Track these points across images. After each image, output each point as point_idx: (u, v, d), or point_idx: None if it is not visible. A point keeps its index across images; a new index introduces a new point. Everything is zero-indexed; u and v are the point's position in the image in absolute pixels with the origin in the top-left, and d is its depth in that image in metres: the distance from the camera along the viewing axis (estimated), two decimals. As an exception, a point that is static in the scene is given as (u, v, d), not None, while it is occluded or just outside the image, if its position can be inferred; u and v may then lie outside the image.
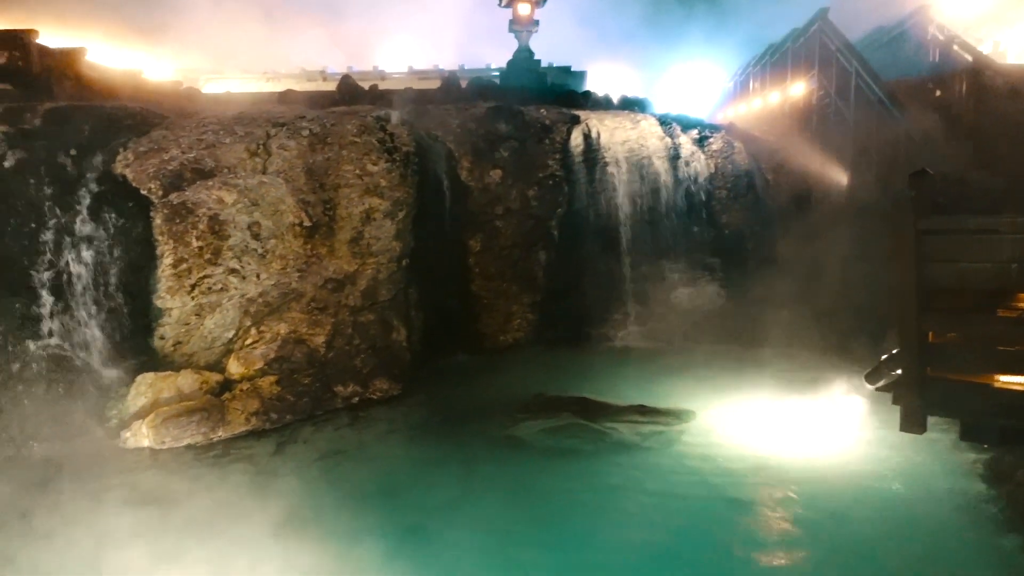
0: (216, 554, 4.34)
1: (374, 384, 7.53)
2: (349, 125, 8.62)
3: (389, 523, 4.80)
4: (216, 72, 17.17)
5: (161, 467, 5.77)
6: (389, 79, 16.17)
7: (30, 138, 7.44)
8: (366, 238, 8.04)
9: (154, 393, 6.39)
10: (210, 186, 7.37)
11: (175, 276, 7.02)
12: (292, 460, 5.94)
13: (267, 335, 7.21)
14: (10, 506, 4.93)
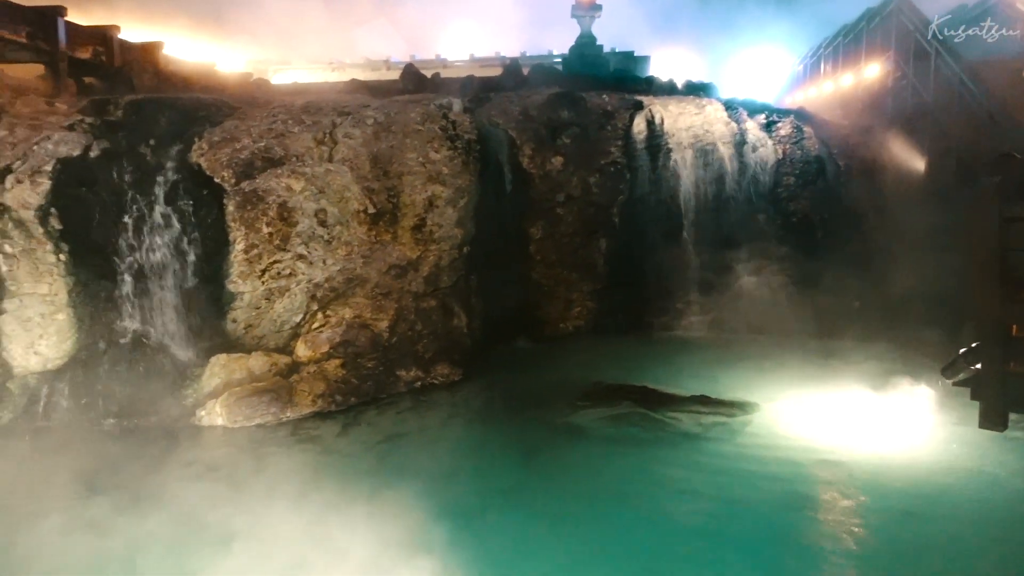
0: (283, 529, 4.49)
1: (435, 369, 7.64)
2: (412, 113, 8.73)
3: (450, 506, 4.86)
4: (284, 63, 17.60)
5: (233, 445, 6.01)
6: (451, 67, 16.27)
7: (113, 129, 7.81)
8: (428, 225, 8.15)
9: (227, 374, 6.65)
10: (279, 174, 7.58)
11: (246, 261, 7.26)
12: (356, 442, 6.10)
13: (333, 319, 7.40)
14: (101, 476, 5.22)
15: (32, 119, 7.83)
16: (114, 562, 4.12)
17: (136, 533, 4.41)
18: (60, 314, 6.55)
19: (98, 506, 4.83)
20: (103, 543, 4.32)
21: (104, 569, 4.05)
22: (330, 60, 17.71)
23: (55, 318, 6.54)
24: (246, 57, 17.15)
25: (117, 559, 4.15)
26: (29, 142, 7.32)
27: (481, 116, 9.55)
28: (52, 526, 4.58)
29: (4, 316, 6.39)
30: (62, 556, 4.22)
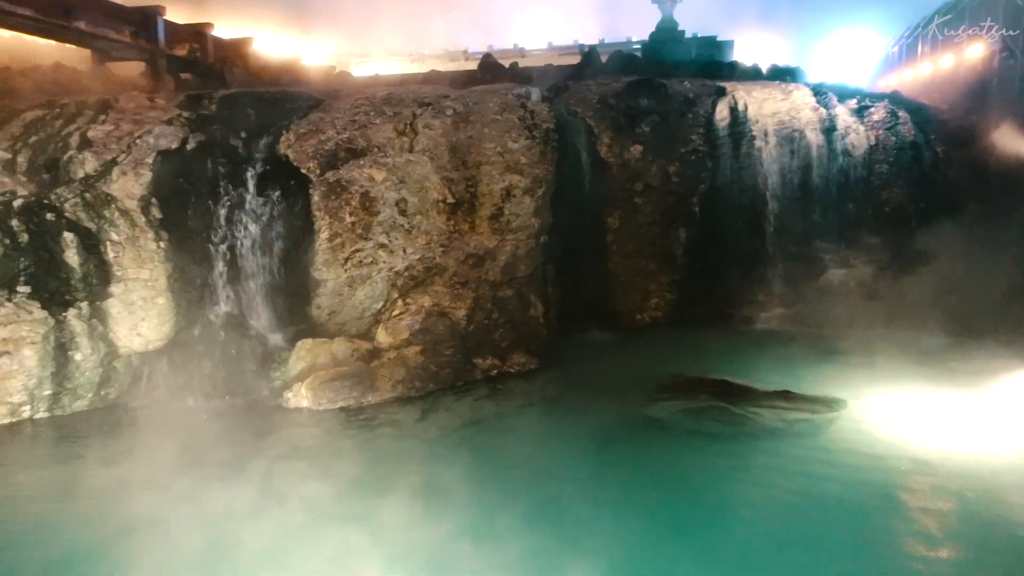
0: (364, 507, 4.64)
1: (512, 358, 7.69)
2: (491, 103, 8.78)
3: (526, 492, 4.90)
4: (365, 56, 17.98)
5: (318, 426, 6.22)
6: (529, 56, 16.26)
7: (208, 122, 8.18)
8: (506, 214, 8.18)
9: (312, 358, 6.88)
10: (362, 164, 7.76)
11: (330, 249, 7.48)
12: (435, 427, 6.21)
13: (412, 307, 7.55)
14: (197, 452, 5.52)
15: (135, 114, 8.29)
16: (210, 530, 4.34)
17: (230, 506, 4.63)
18: (160, 298, 6.93)
19: (194, 479, 5.11)
20: (200, 513, 4.56)
21: (201, 536, 4.27)
22: (409, 52, 17.99)
23: (155, 302, 6.92)
24: (329, 51, 17.62)
25: (213, 528, 4.37)
26: (132, 136, 7.75)
27: (559, 105, 9.51)
28: (155, 495, 4.88)
29: (111, 300, 6.80)
30: (164, 523, 4.48)
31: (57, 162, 7.48)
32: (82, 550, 4.24)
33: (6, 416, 6.31)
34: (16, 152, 7.61)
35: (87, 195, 7.06)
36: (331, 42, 18.66)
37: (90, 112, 8.24)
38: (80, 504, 4.90)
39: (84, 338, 6.62)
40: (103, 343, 6.73)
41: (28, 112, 8.21)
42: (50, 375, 6.45)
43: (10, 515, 4.81)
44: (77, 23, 9.39)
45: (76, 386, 6.61)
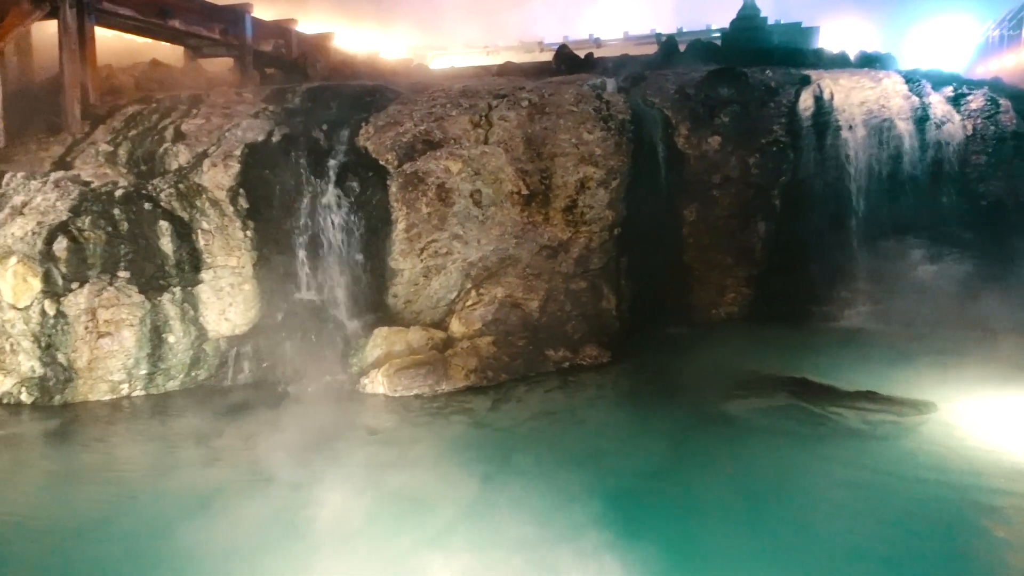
0: (435, 493, 4.72)
1: (584, 350, 7.67)
2: (566, 95, 8.74)
3: (597, 485, 4.87)
4: (441, 48, 18.19)
5: (393, 412, 6.37)
6: (605, 46, 16.10)
7: (291, 115, 8.46)
8: (580, 207, 8.15)
9: (388, 346, 7.05)
10: (438, 156, 7.87)
11: (407, 240, 7.63)
12: (506, 416, 6.26)
13: (486, 298, 7.62)
14: (278, 433, 5.75)
15: (224, 108, 8.65)
16: (287, 507, 4.52)
17: (308, 486, 4.80)
18: (246, 285, 7.23)
19: (276, 458, 5.31)
20: (280, 490, 4.76)
21: (277, 512, 4.46)
22: (485, 44, 18.10)
23: (242, 288, 7.23)
24: (406, 44, 17.90)
25: (290, 505, 4.55)
26: (222, 129, 8.10)
27: (635, 95, 9.38)
28: (239, 472, 5.12)
29: (201, 286, 7.14)
30: (246, 498, 4.68)
31: (154, 154, 7.89)
32: (168, 519, 4.47)
33: (107, 393, 6.72)
34: (117, 145, 8.07)
35: (180, 186, 7.42)
36: (408, 36, 18.96)
37: (183, 106, 8.66)
38: (170, 477, 5.19)
39: (177, 321, 6.97)
40: (194, 327, 7.07)
41: (128, 107, 8.70)
42: (146, 356, 6.83)
43: (109, 486, 5.13)
44: (172, 22, 9.86)
45: (169, 367, 6.98)
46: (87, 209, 6.93)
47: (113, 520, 4.57)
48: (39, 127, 8.55)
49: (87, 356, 6.62)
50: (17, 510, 4.79)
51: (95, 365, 6.65)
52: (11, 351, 6.65)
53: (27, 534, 4.46)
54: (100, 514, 4.66)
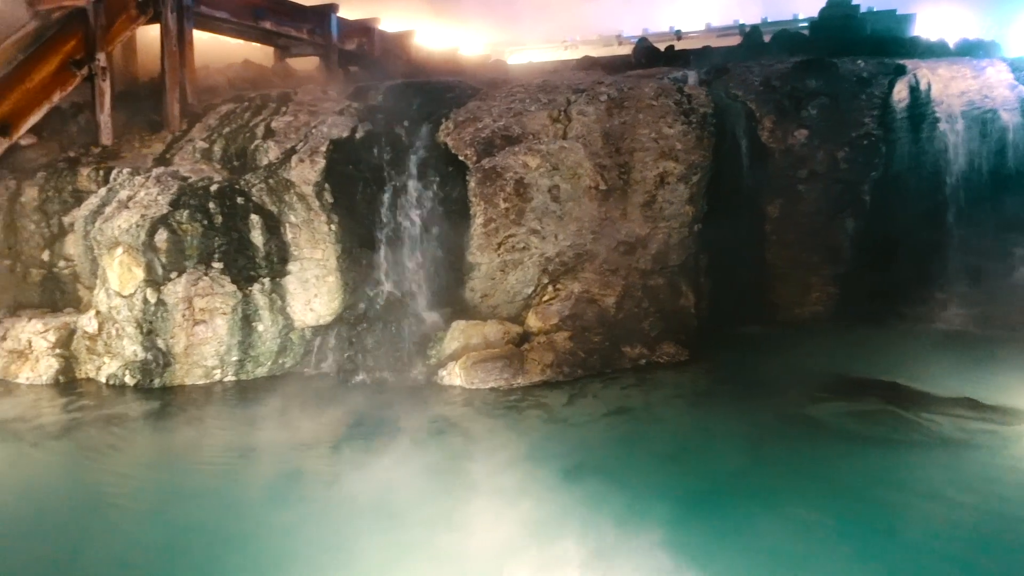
0: (515, 485, 4.75)
1: (661, 348, 7.57)
2: (646, 88, 8.63)
3: (674, 485, 4.83)
4: (519, 44, 18.23)
5: (470, 404, 6.46)
6: (686, 39, 15.77)
7: (374, 112, 8.67)
8: (659, 202, 8.04)
9: (465, 339, 7.15)
10: (516, 151, 7.91)
11: (485, 234, 7.71)
12: (582, 412, 6.25)
13: (562, 293, 7.62)
14: (359, 421, 5.94)
15: (311, 105, 8.95)
16: (367, 491, 4.66)
17: (389, 471, 4.95)
18: (330, 276, 7.47)
19: (357, 444, 5.51)
20: (361, 476, 4.90)
21: (358, 497, 4.60)
22: (563, 39, 18.02)
23: (326, 280, 7.47)
24: (484, 40, 18.03)
25: (370, 490, 4.68)
26: (309, 126, 8.37)
27: (718, 88, 9.18)
28: (323, 457, 5.31)
29: (288, 277, 7.42)
30: (330, 485, 4.85)
31: (245, 150, 8.24)
32: (255, 499, 4.70)
33: (201, 377, 7.08)
34: (212, 142, 8.47)
35: (270, 181, 7.72)
36: (486, 32, 19.08)
37: (273, 104, 9.00)
38: (258, 459, 5.43)
39: (266, 311, 7.27)
40: (281, 316, 7.36)
41: (222, 106, 9.11)
42: (237, 343, 7.15)
43: (203, 464, 5.40)
44: (264, 23, 10.26)
45: (258, 354, 7.29)
46: (185, 203, 7.30)
47: (204, 495, 4.82)
48: (142, 125, 9.06)
49: (184, 342, 6.99)
50: (120, 481, 5.11)
51: (191, 351, 7.01)
52: (116, 336, 7.09)
53: (128, 503, 4.76)
54: (193, 489, 4.92)
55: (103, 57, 8.40)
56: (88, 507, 4.72)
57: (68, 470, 5.34)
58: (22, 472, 5.29)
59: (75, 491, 4.98)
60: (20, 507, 4.70)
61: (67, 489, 5.02)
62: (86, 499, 4.85)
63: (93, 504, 4.76)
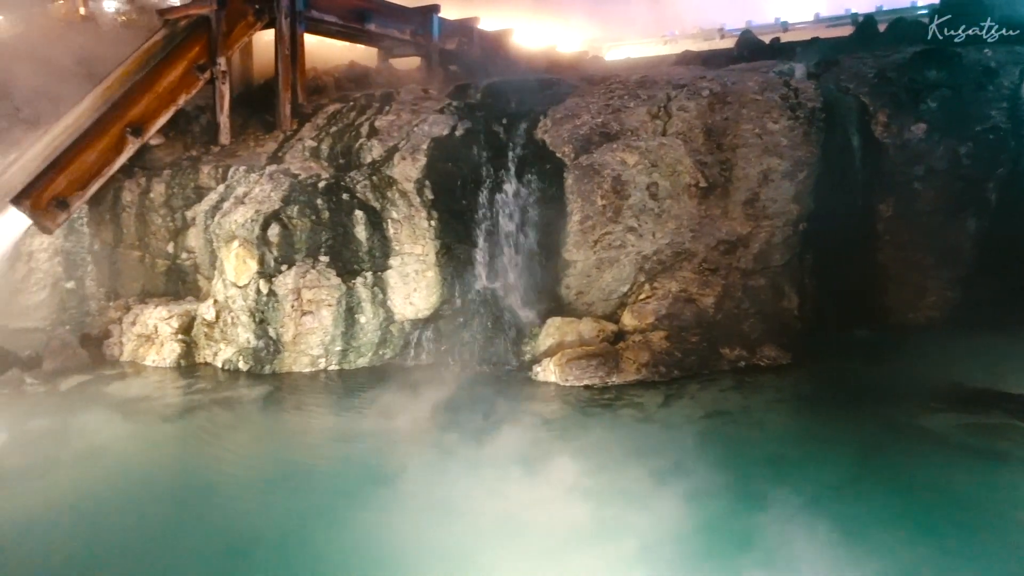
0: (605, 484, 4.75)
1: (761, 350, 7.35)
2: (750, 83, 8.37)
3: (774, 493, 4.66)
4: (617, 40, 18.03)
5: (564, 401, 6.49)
6: (792, 30, 15.16)
7: (473, 110, 8.81)
8: (762, 200, 7.79)
9: (560, 336, 7.18)
10: (614, 148, 7.85)
11: (581, 232, 7.70)
12: (678, 413, 6.16)
13: (659, 292, 7.52)
14: (454, 412, 6.09)
15: (412, 104, 9.19)
16: (462, 483, 4.76)
17: (485, 467, 5.04)
18: (429, 271, 7.66)
19: (454, 436, 5.63)
20: (458, 469, 5.02)
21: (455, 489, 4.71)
22: (662, 33, 17.70)
23: (425, 275, 7.67)
24: (582, 37, 17.94)
25: (465, 482, 4.79)
26: (410, 124, 8.61)
27: (827, 81, 8.78)
28: (419, 447, 5.46)
29: (389, 271, 7.67)
30: (426, 474, 4.98)
31: (351, 148, 8.57)
32: (355, 483, 4.88)
33: (307, 365, 7.43)
34: (320, 141, 8.85)
35: (374, 178, 7.99)
36: (583, 28, 18.98)
37: (376, 104, 9.30)
38: (359, 445, 5.67)
39: (368, 303, 7.55)
40: (382, 309, 7.61)
41: (330, 106, 9.50)
42: (340, 334, 7.46)
43: (307, 447, 5.69)
44: (369, 25, 10.61)
45: (360, 345, 7.57)
46: (295, 199, 7.67)
47: (311, 476, 5.06)
48: (257, 125, 9.57)
49: (292, 331, 7.35)
50: (234, 460, 5.46)
51: (298, 340, 7.37)
52: (232, 324, 7.54)
53: (240, 481, 5.06)
54: (301, 471, 5.17)
55: (223, 61, 8.93)
56: (205, 483, 5.05)
57: (188, 447, 5.72)
58: (148, 447, 5.71)
59: (194, 467, 5.34)
60: (145, 479, 5.09)
61: (187, 465, 5.39)
62: (204, 475, 5.19)
63: (210, 480, 5.09)
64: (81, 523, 4.44)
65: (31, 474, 5.05)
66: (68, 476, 5.06)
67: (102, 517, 4.52)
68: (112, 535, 4.30)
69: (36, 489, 4.84)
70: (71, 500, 4.71)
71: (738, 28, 15.10)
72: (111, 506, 4.66)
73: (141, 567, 3.98)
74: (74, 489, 4.88)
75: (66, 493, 4.80)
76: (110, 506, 4.67)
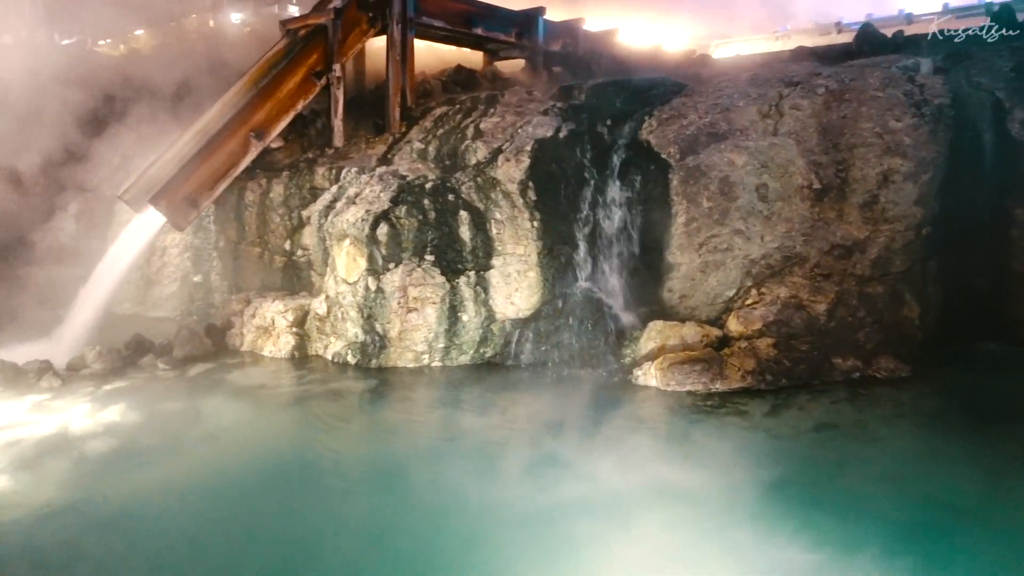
0: (708, 492, 4.64)
1: (877, 361, 6.96)
2: (870, 79, 7.95)
3: (893, 514, 4.42)
4: (724, 37, 17.57)
5: (665, 406, 6.38)
6: (918, 22, 14.26)
7: (577, 111, 8.81)
8: (881, 202, 7.38)
9: (662, 339, 7.06)
10: (722, 149, 7.66)
11: (685, 234, 7.56)
12: (785, 424, 5.93)
13: (767, 297, 7.27)
14: (554, 413, 6.12)
15: (517, 106, 9.30)
16: (563, 486, 4.77)
17: (584, 468, 5.04)
18: (531, 272, 7.73)
19: (553, 437, 5.66)
20: (554, 469, 5.04)
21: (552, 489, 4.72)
22: (774, 29, 17.09)
23: (527, 275, 7.74)
24: (688, 35, 17.59)
25: (565, 484, 4.79)
26: (515, 126, 8.72)
27: (957, 76, 8.20)
28: (520, 446, 5.52)
29: (491, 271, 7.79)
30: (525, 473, 5.03)
31: (456, 150, 8.77)
32: (455, 477, 4.96)
33: (411, 361, 7.66)
34: (427, 143, 9.10)
35: (478, 179, 8.14)
36: (690, 26, 18.61)
37: (482, 106, 9.47)
38: (459, 440, 5.79)
39: (470, 302, 7.70)
40: (484, 308, 7.75)
41: (437, 109, 9.76)
42: (444, 331, 7.64)
43: (410, 440, 5.86)
44: (476, 29, 10.82)
45: (461, 343, 7.73)
46: (403, 199, 7.93)
47: (413, 467, 5.22)
48: (368, 128, 9.96)
49: (398, 327, 7.60)
50: (342, 448, 5.72)
51: (403, 336, 7.61)
52: (341, 319, 7.88)
53: (347, 468, 5.29)
54: (403, 462, 5.35)
55: (338, 68, 9.35)
56: (314, 469, 5.30)
57: (301, 434, 6.03)
58: (264, 432, 6.07)
59: (306, 453, 5.61)
60: (262, 462, 5.40)
61: (300, 451, 5.67)
62: (315, 462, 5.44)
63: (320, 467, 5.34)
64: (207, 499, 4.77)
65: (163, 451, 5.47)
66: (195, 455, 5.45)
67: (224, 494, 4.84)
68: (233, 511, 4.60)
69: (168, 465, 5.24)
70: (197, 477, 5.07)
71: (856, 22, 14.36)
72: (232, 485, 4.99)
73: (262, 542, 4.22)
74: (200, 467, 5.25)
75: (193, 470, 5.17)
76: (231, 485, 4.99)
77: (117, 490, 4.82)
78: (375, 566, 3.97)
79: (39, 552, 4.09)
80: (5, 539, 4.23)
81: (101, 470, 5.12)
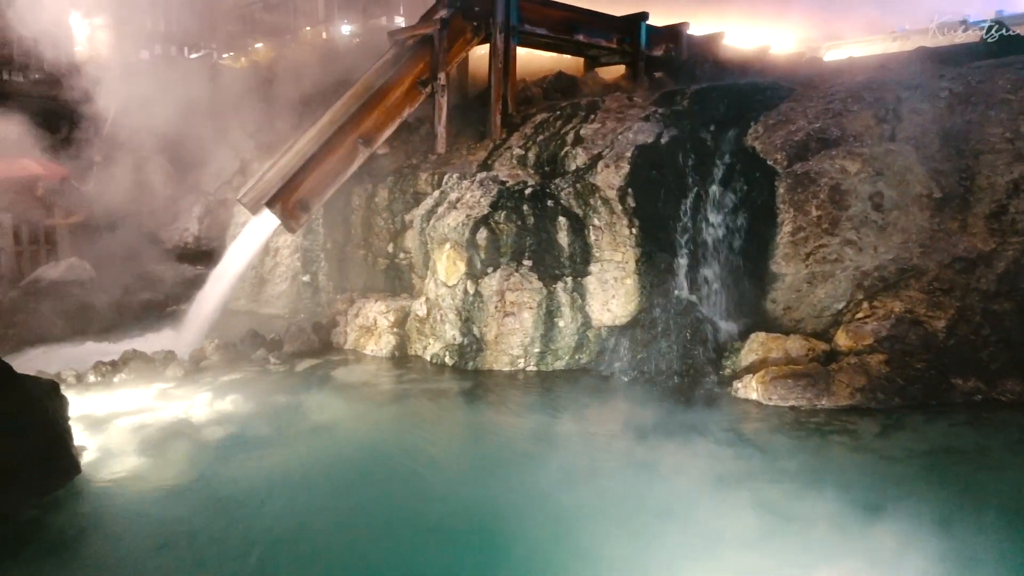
0: (811, 512, 4.44)
1: (1003, 383, 6.49)
2: (999, 81, 7.45)
3: (1019, 547, 4.11)
4: (836, 38, 16.81)
5: (766, 421, 6.18)
6: (1056, 19, 13.18)
7: (679, 117, 8.68)
8: (1011, 213, 6.89)
9: (764, 352, 6.84)
10: (833, 155, 7.36)
11: (791, 244, 7.30)
12: (897, 446, 5.62)
13: (880, 311, 6.91)
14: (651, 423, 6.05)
15: (617, 112, 9.25)
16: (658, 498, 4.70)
17: (679, 480, 4.95)
18: (628, 279, 7.66)
19: (649, 447, 5.57)
20: (649, 480, 4.97)
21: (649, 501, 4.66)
22: (891, 29, 16.20)
23: (624, 282, 7.68)
24: (796, 37, 16.95)
25: (660, 496, 4.72)
26: (615, 132, 8.68)
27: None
28: (615, 454, 5.49)
29: (589, 277, 7.78)
30: (618, 483, 4.99)
31: (556, 156, 8.82)
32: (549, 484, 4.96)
33: (506, 364, 7.75)
34: (527, 149, 9.20)
35: (577, 185, 8.16)
36: (799, 28, 17.91)
37: (582, 113, 9.49)
38: (553, 446, 5.78)
39: (567, 308, 7.72)
40: (580, 314, 7.75)
41: (537, 115, 9.85)
42: (539, 336, 7.70)
43: (504, 443, 5.92)
44: (577, 36, 10.85)
45: (557, 348, 7.76)
46: (503, 205, 8.05)
47: (506, 470, 5.28)
48: (469, 135, 10.18)
49: (495, 331, 7.71)
50: (438, 447, 5.86)
51: (500, 340, 7.72)
52: (440, 321, 8.07)
53: (442, 466, 5.43)
54: (497, 464, 5.42)
55: (443, 76, 9.60)
56: (415, 464, 5.44)
57: (400, 431, 6.21)
58: (367, 428, 6.30)
59: (405, 450, 5.77)
60: (365, 456, 5.62)
61: (400, 447, 5.84)
62: (414, 458, 5.59)
63: (419, 462, 5.48)
64: (317, 485, 5.00)
65: (276, 440, 5.78)
66: (304, 445, 5.72)
67: (332, 482, 5.07)
68: (341, 499, 4.81)
69: (280, 453, 5.53)
70: (308, 466, 5.31)
71: (984, 20, 13.41)
72: (337, 476, 5.21)
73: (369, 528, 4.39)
74: (310, 456, 5.50)
75: (302, 461, 5.43)
76: (339, 474, 5.22)
77: (235, 474, 5.13)
78: (471, 555, 4.05)
79: (164, 525, 4.42)
80: (135, 513, 4.60)
81: (221, 455, 5.47)
